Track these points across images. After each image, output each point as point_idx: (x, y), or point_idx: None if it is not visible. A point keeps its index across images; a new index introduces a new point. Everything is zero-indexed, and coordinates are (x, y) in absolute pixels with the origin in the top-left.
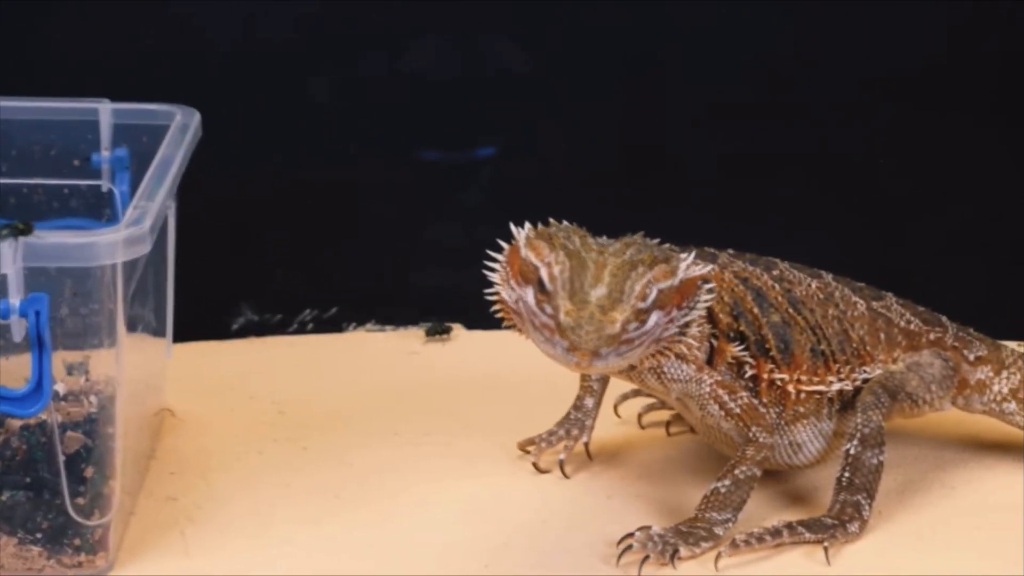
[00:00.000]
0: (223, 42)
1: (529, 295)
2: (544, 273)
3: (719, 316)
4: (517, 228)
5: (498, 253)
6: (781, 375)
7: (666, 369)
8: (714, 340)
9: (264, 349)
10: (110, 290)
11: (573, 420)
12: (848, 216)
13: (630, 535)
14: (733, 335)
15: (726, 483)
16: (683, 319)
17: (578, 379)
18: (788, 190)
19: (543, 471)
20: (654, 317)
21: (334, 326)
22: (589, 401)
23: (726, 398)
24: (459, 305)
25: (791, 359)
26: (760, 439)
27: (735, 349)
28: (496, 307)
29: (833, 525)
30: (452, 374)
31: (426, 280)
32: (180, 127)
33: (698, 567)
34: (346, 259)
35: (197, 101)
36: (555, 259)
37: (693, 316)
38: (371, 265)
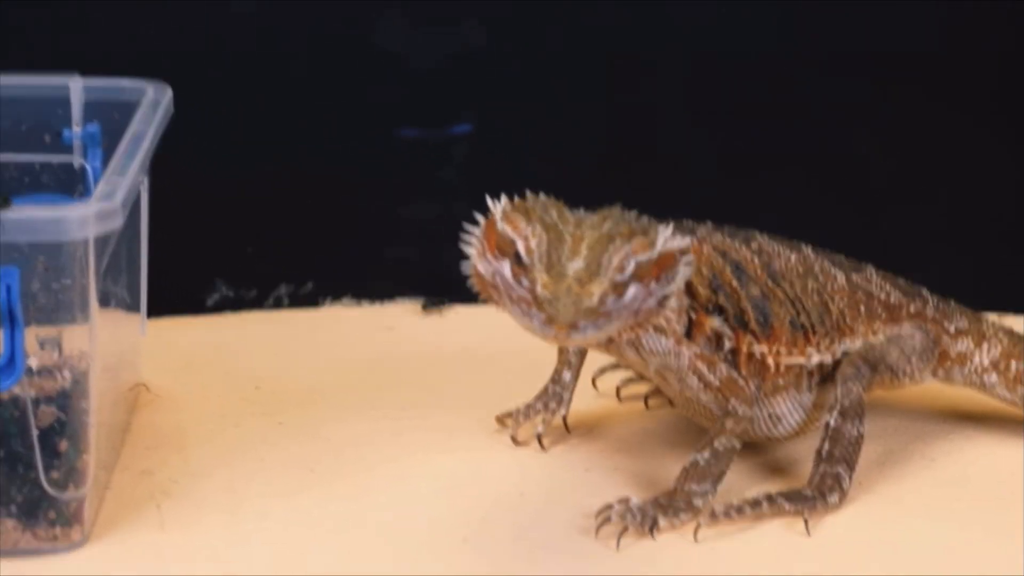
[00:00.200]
0: (190, 11)
1: (506, 268)
2: (521, 246)
3: (698, 289)
4: (494, 201)
5: (474, 226)
6: (760, 348)
7: (644, 342)
8: (693, 313)
9: (239, 324)
10: (82, 265)
11: (551, 393)
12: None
13: (609, 507)
14: (712, 308)
15: (705, 455)
16: (662, 292)
17: (556, 352)
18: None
19: (521, 444)
20: (632, 290)
21: (310, 301)
22: (567, 374)
23: (705, 371)
24: (435, 280)
25: (770, 332)
26: (739, 411)
27: (714, 322)
28: (471, 280)
29: (813, 497)
30: (429, 349)
31: (402, 255)
32: (152, 102)
33: (678, 539)
34: (321, 234)
35: (168, 74)
36: (532, 232)
37: (672, 289)
38: (347, 240)
